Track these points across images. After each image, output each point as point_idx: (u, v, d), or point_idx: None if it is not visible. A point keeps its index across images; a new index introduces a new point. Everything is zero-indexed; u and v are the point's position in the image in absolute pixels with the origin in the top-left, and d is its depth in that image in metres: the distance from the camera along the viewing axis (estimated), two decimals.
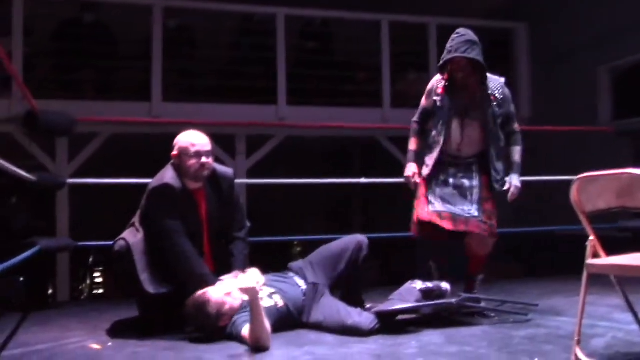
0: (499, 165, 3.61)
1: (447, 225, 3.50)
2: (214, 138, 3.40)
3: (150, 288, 3.07)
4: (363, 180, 5.50)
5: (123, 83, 7.67)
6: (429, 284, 3.33)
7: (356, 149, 9.85)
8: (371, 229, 8.82)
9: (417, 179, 3.66)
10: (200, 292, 2.99)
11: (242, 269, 3.29)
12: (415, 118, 3.79)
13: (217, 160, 3.97)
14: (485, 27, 8.49)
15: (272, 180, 5.84)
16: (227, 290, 3.01)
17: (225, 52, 7.95)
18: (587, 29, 7.61)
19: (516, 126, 3.70)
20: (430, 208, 3.56)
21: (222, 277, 3.24)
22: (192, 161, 3.23)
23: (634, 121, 6.61)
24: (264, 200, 8.22)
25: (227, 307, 2.97)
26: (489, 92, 3.57)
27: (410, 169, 3.71)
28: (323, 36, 8.23)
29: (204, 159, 3.24)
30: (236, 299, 3.01)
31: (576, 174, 2.52)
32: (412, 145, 3.77)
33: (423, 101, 3.75)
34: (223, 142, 6.97)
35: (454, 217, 3.52)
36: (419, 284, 3.33)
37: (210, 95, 7.58)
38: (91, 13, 7.28)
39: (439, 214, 3.54)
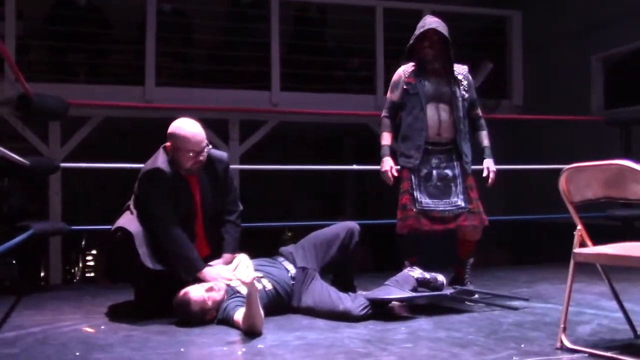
0: (466, 148, 3.68)
1: (437, 227, 3.61)
2: (207, 123, 3.40)
3: (148, 263, 3.07)
4: (355, 167, 5.53)
5: (116, 67, 7.64)
6: (426, 275, 3.37)
7: (350, 135, 9.87)
8: (364, 215, 8.88)
9: (395, 173, 3.72)
10: (181, 293, 3.02)
11: (233, 253, 3.33)
12: (384, 113, 3.82)
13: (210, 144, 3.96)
14: (479, 14, 8.54)
15: (265, 167, 5.86)
16: (207, 286, 3.05)
17: (219, 37, 7.93)
18: (580, 17, 7.64)
19: (479, 111, 3.82)
20: (417, 207, 3.61)
21: (211, 263, 3.27)
22: (188, 159, 3.22)
23: (624, 110, 6.67)
24: (256, 186, 8.25)
25: (209, 302, 3.01)
26: (457, 76, 3.67)
27: (388, 163, 3.75)
28: (317, 22, 8.21)
29: (200, 158, 3.25)
30: (219, 290, 3.04)
31: (567, 163, 2.56)
32: (386, 139, 3.79)
33: (390, 95, 3.80)
34: (216, 127, 6.98)
35: (442, 217, 3.61)
36: (416, 272, 3.38)
37: (204, 80, 7.57)
38: None
39: (427, 214, 3.60)
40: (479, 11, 8.52)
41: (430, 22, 3.66)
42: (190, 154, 3.21)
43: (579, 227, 2.54)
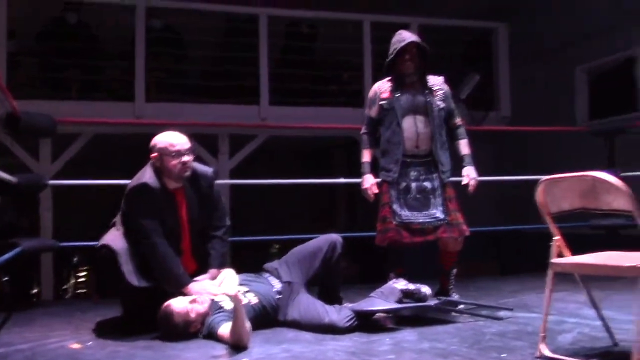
0: (444, 159, 3.72)
1: (417, 239, 3.66)
2: (197, 138, 3.47)
3: (134, 280, 3.12)
4: (342, 180, 5.57)
5: (107, 83, 7.70)
6: (411, 286, 3.42)
7: (339, 148, 9.93)
8: (354, 228, 8.90)
9: (376, 190, 3.78)
10: (164, 305, 3.05)
11: (219, 268, 3.37)
12: (363, 130, 3.89)
13: (200, 159, 4.02)
14: (466, 27, 8.64)
15: (254, 181, 5.90)
16: (190, 298, 3.08)
17: (209, 52, 8.00)
18: (565, 29, 7.73)
19: (459, 120, 3.87)
20: (396, 220, 3.66)
21: (197, 278, 3.31)
22: (174, 161, 3.28)
23: (608, 121, 6.75)
24: (247, 199, 8.29)
25: (192, 314, 3.04)
26: (431, 87, 3.72)
27: (368, 180, 3.81)
28: (306, 36, 8.30)
29: (185, 158, 3.30)
30: (203, 302, 3.08)
31: (553, 173, 2.61)
32: (366, 156, 3.86)
33: (367, 111, 3.87)
34: (206, 142, 7.03)
35: (422, 228, 3.66)
36: (401, 284, 3.42)
37: (194, 95, 7.63)
38: (74, 13, 7.31)
39: (407, 226, 3.65)
40: (466, 24, 8.61)
41: (409, 36, 3.74)
42: (174, 155, 3.27)
43: (556, 237, 2.59)
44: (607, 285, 3.81)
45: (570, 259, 2.56)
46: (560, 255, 2.59)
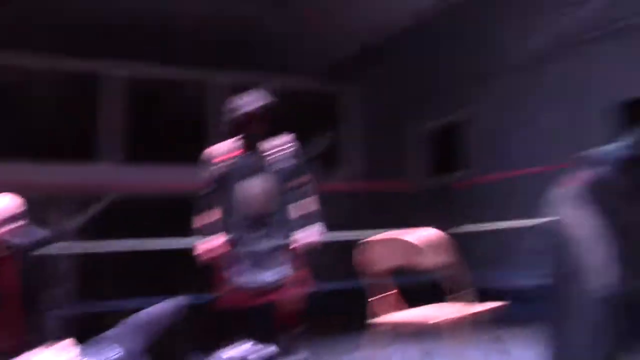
0: (283, 219, 3.75)
1: (257, 300, 3.65)
2: (38, 200, 3.30)
3: None
4: (183, 241, 5.39)
5: None
6: (252, 349, 3.40)
7: (190, 208, 9.81)
8: (204, 290, 8.75)
9: (216, 253, 3.75)
10: None
11: (51, 341, 3.19)
12: (202, 192, 3.83)
13: (39, 222, 3.82)
14: (316, 90, 8.98)
15: (95, 247, 5.65)
16: None
17: (49, 110, 7.70)
18: (407, 91, 8.21)
19: (304, 178, 3.87)
20: (235, 283, 3.66)
21: (26, 353, 3.11)
22: None
23: (442, 179, 7.17)
24: (95, 262, 7.91)
25: None
26: (276, 146, 3.80)
27: (206, 243, 3.73)
28: (153, 94, 8.24)
29: (4, 227, 3.14)
30: None
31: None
32: (203, 219, 3.78)
33: (205, 174, 3.82)
34: (48, 204, 6.67)
35: (262, 289, 3.66)
36: (240, 349, 3.40)
37: (34, 154, 7.28)
38: None
39: (246, 289, 3.66)
40: (314, 87, 8.91)
41: (254, 97, 3.76)
42: None
43: (378, 296, 2.73)
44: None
45: (384, 318, 2.68)
46: (383, 312, 2.72)
